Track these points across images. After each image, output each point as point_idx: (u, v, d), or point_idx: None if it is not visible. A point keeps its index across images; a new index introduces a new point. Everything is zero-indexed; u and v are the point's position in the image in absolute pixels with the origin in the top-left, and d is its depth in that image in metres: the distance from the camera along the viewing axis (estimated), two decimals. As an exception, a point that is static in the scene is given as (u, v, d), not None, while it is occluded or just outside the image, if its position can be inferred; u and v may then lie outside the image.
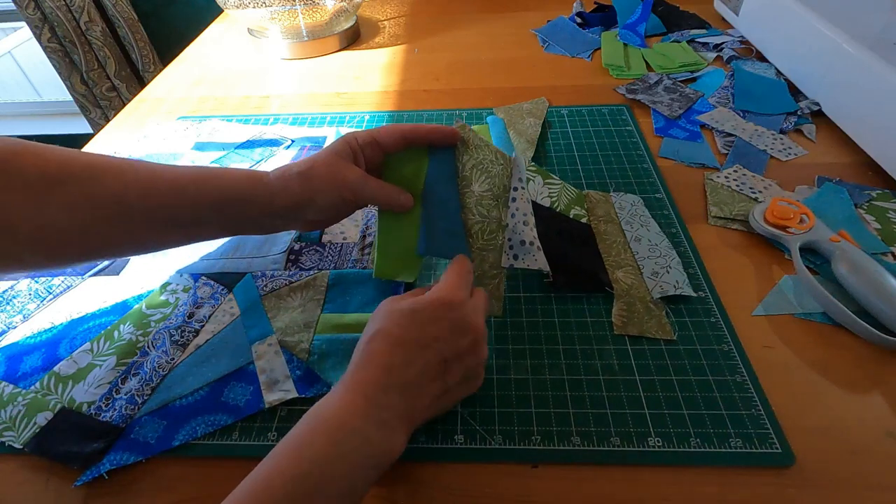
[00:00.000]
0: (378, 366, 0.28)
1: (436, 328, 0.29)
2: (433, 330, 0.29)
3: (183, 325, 0.39)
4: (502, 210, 0.38)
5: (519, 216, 0.38)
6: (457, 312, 0.30)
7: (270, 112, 0.66)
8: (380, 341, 0.29)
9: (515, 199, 0.39)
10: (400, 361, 0.28)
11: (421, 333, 0.29)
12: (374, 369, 0.28)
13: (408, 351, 0.29)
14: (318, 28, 0.79)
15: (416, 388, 0.28)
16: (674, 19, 0.81)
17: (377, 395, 0.27)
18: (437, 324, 0.29)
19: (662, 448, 0.31)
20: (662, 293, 0.40)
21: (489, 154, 0.39)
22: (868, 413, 0.33)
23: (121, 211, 0.33)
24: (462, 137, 0.38)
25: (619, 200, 0.48)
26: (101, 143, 0.62)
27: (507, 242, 0.39)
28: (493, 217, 0.38)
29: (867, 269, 0.38)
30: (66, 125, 1.62)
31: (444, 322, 0.30)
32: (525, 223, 0.38)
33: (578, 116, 0.61)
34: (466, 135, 0.38)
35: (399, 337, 0.29)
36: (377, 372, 0.28)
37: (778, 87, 0.62)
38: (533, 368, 0.36)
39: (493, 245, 0.38)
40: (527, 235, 0.38)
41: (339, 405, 0.27)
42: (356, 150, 0.37)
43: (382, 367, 0.28)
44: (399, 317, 0.30)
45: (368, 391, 0.27)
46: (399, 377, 0.28)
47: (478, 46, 0.79)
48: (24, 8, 1.23)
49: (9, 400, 0.35)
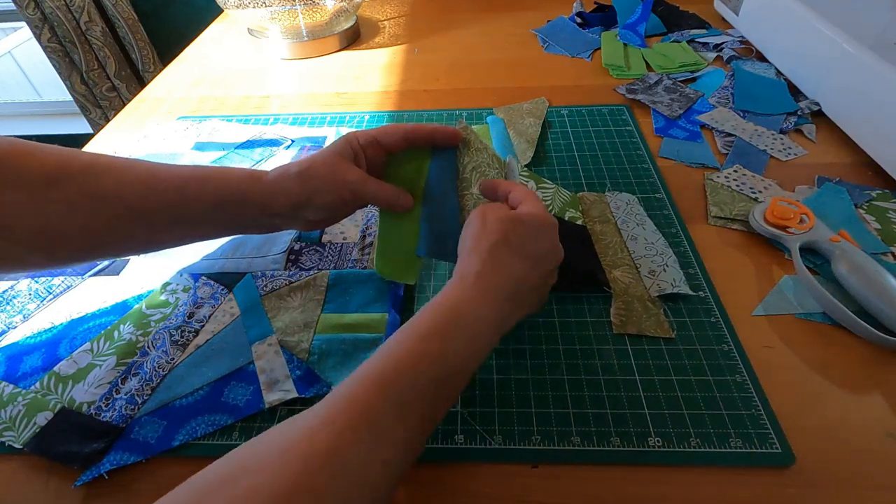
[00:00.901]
0: (509, 276, 0.30)
1: (546, 245, 0.32)
2: (544, 246, 0.32)
3: (183, 325, 0.39)
4: None
5: None
6: (556, 233, 0.33)
7: (270, 112, 0.66)
8: (507, 251, 0.31)
9: None
10: (522, 274, 0.31)
11: (538, 247, 0.32)
12: (505, 278, 0.30)
13: (531, 263, 0.31)
14: (318, 28, 0.79)
15: (524, 302, 0.32)
16: (674, 19, 0.81)
17: (504, 305, 0.30)
18: (547, 242, 0.32)
19: (662, 448, 0.31)
20: (660, 291, 0.40)
21: (487, 157, 0.39)
22: (868, 413, 0.33)
23: (120, 210, 0.33)
24: (464, 138, 0.38)
25: (615, 200, 0.48)
26: (101, 143, 0.62)
27: None
28: None
29: (867, 269, 0.38)
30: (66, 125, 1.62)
31: (550, 239, 0.33)
32: None
33: (578, 116, 0.61)
34: (468, 136, 0.38)
35: (522, 247, 0.31)
36: (508, 281, 0.30)
37: (778, 87, 0.62)
38: (533, 368, 0.36)
39: None
40: None
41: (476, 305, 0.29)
42: (357, 149, 0.37)
43: (512, 276, 0.30)
44: (520, 227, 0.32)
45: (500, 296, 0.30)
46: (524, 288, 0.31)
47: (478, 46, 0.79)
48: (24, 8, 1.23)
49: (9, 400, 0.35)
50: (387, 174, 0.39)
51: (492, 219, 0.32)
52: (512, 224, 0.32)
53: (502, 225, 0.31)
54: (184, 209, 0.34)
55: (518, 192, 0.35)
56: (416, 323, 0.28)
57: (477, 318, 0.28)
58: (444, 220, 0.37)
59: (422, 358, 0.26)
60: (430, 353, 0.26)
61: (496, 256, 0.30)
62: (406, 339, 0.27)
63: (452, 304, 0.29)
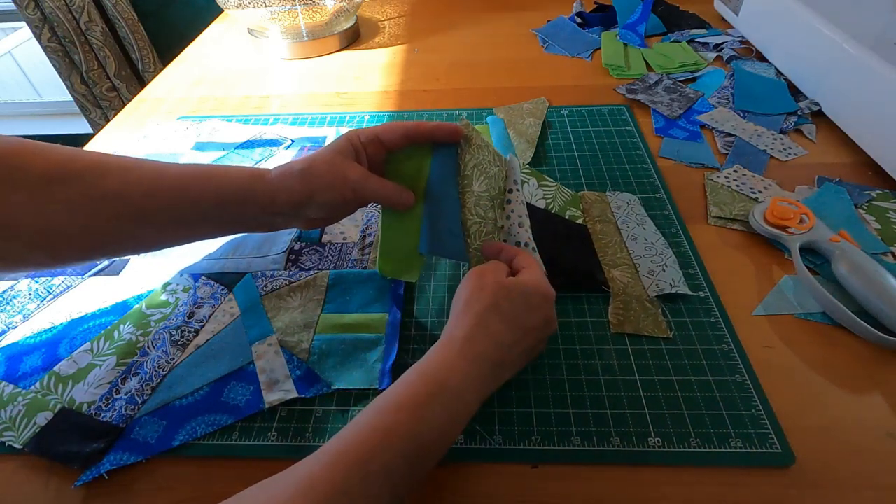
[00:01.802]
0: (496, 343, 0.30)
1: (539, 317, 0.32)
2: (537, 319, 0.31)
3: (183, 325, 0.39)
4: (498, 212, 0.38)
5: (514, 218, 0.39)
6: (551, 306, 0.33)
7: (270, 112, 0.66)
8: (496, 318, 0.30)
9: (511, 200, 0.39)
10: (510, 342, 0.30)
11: (529, 318, 0.31)
12: (492, 346, 0.30)
13: (519, 332, 0.31)
14: (318, 28, 0.79)
15: (511, 366, 0.31)
16: (674, 19, 0.81)
17: (491, 370, 0.29)
18: (540, 312, 0.32)
19: (662, 448, 0.31)
20: (658, 291, 0.40)
21: (488, 155, 0.38)
22: (868, 413, 0.33)
23: (123, 208, 0.33)
24: (465, 135, 0.37)
25: (616, 199, 0.48)
26: (101, 143, 0.62)
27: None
28: (489, 218, 0.38)
29: (867, 269, 0.38)
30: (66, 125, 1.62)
31: (543, 312, 0.32)
32: (520, 225, 0.38)
33: (578, 116, 0.61)
34: (470, 133, 0.37)
35: (515, 318, 0.31)
36: (495, 350, 0.30)
37: (778, 87, 0.62)
38: (533, 368, 0.36)
39: None
40: (522, 237, 0.38)
41: (460, 375, 0.28)
42: (358, 147, 0.37)
43: (499, 344, 0.30)
44: (513, 294, 0.31)
45: (485, 364, 0.29)
46: (510, 356, 0.30)
47: (478, 46, 0.79)
48: (24, 8, 1.23)
49: (9, 400, 0.35)
50: (388, 172, 0.39)
51: (488, 282, 0.31)
52: (506, 291, 0.31)
53: (496, 290, 0.31)
54: (186, 207, 0.34)
55: (522, 259, 0.34)
56: (395, 392, 0.27)
57: (459, 388, 0.28)
58: (445, 218, 0.37)
59: (397, 431, 0.25)
60: (406, 425, 0.25)
61: (485, 322, 0.30)
62: (383, 408, 0.26)
63: (434, 373, 0.28)
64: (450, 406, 0.27)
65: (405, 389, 0.27)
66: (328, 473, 0.23)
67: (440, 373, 0.28)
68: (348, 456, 0.24)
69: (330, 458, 0.24)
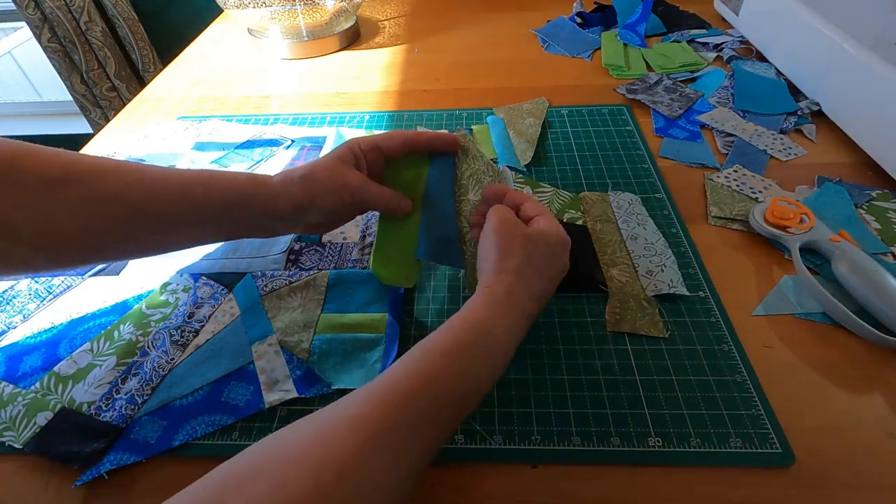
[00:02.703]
0: (531, 296, 0.32)
1: (560, 265, 0.34)
2: (560, 266, 0.34)
3: (183, 325, 0.39)
4: None
5: None
6: (567, 252, 0.35)
7: (270, 112, 0.66)
8: (531, 272, 0.32)
9: None
10: (540, 292, 0.33)
11: (553, 267, 0.34)
12: (528, 299, 0.32)
13: (545, 283, 0.33)
14: (318, 28, 0.79)
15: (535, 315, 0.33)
16: (674, 19, 0.81)
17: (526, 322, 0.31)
18: (562, 260, 0.34)
19: (662, 448, 0.31)
20: (656, 291, 0.40)
21: (483, 165, 0.40)
22: (868, 413, 0.33)
23: (124, 212, 0.33)
24: (462, 146, 0.39)
25: (617, 199, 0.48)
26: (101, 143, 0.62)
27: None
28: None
29: (867, 269, 0.38)
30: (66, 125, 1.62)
31: (563, 260, 0.35)
32: None
33: (578, 116, 0.61)
34: (466, 143, 0.39)
35: (544, 269, 0.33)
36: (529, 302, 0.32)
37: (778, 87, 0.62)
38: (533, 368, 0.36)
39: None
40: None
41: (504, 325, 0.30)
42: (359, 155, 0.38)
43: (533, 297, 0.32)
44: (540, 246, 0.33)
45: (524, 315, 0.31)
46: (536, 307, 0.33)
47: (478, 46, 0.79)
48: (24, 8, 1.23)
49: (9, 400, 0.35)
50: (387, 179, 0.39)
51: (517, 233, 0.33)
52: (534, 244, 0.33)
53: (525, 243, 0.33)
54: (187, 211, 0.34)
55: (530, 205, 0.36)
56: (439, 338, 0.28)
57: (501, 338, 0.29)
58: (441, 225, 0.38)
59: (443, 375, 0.26)
60: (452, 370, 0.26)
61: (524, 277, 0.32)
62: (428, 353, 0.27)
63: (480, 322, 0.29)
64: (493, 353, 0.29)
65: (451, 337, 0.28)
66: (378, 412, 0.24)
67: (486, 322, 0.29)
68: (398, 397, 0.25)
69: (380, 395, 0.25)
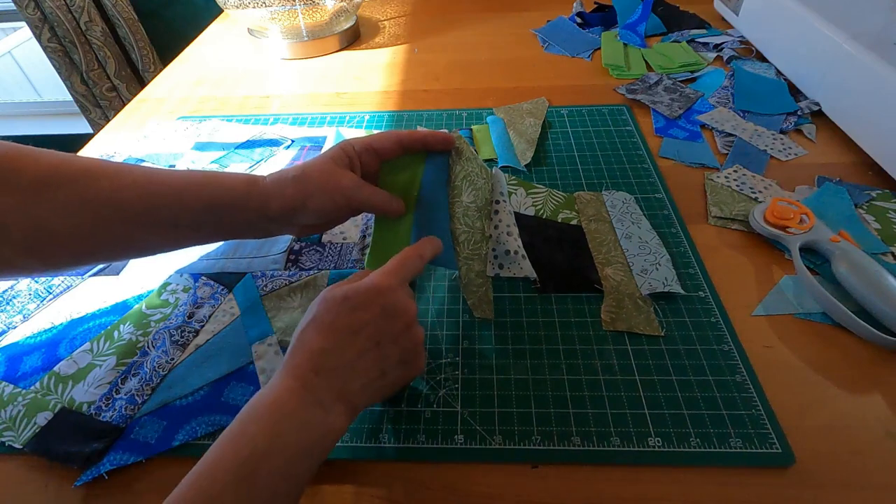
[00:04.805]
0: (310, 351, 0.29)
1: (367, 313, 0.30)
2: (364, 315, 0.30)
3: (183, 325, 0.39)
4: (485, 222, 0.40)
5: (502, 227, 0.41)
6: (387, 298, 0.31)
7: (271, 112, 0.66)
8: (312, 329, 0.30)
9: (498, 211, 0.41)
10: (332, 346, 0.29)
11: (351, 319, 0.30)
12: (306, 354, 0.29)
13: (339, 336, 0.29)
14: (318, 28, 0.79)
15: (350, 370, 0.29)
16: (674, 19, 0.81)
17: (309, 377, 0.28)
18: (369, 309, 0.30)
19: (662, 448, 0.31)
20: (651, 290, 0.40)
21: (476, 167, 0.40)
22: (868, 413, 0.33)
23: (116, 212, 0.33)
24: (457, 147, 0.39)
25: (611, 198, 0.48)
26: (101, 143, 0.62)
27: (492, 252, 0.41)
28: (477, 228, 0.39)
29: (867, 269, 0.38)
30: (66, 125, 1.62)
31: (375, 307, 0.30)
32: (509, 234, 0.40)
33: (578, 116, 0.61)
34: (460, 145, 0.39)
35: (331, 323, 0.30)
36: (309, 357, 0.29)
37: (778, 87, 0.62)
38: (533, 368, 0.36)
39: (478, 254, 0.40)
40: (511, 245, 0.40)
41: (274, 391, 0.28)
42: (352, 156, 0.37)
43: (314, 351, 0.29)
44: (332, 304, 0.30)
45: (300, 374, 0.28)
46: (331, 361, 0.29)
47: (478, 46, 0.79)
48: (24, 8, 1.23)
49: (9, 400, 0.35)
50: (381, 180, 0.39)
51: (315, 301, 0.31)
52: (325, 303, 0.30)
53: (320, 304, 0.30)
54: (180, 212, 0.34)
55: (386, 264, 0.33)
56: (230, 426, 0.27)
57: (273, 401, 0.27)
58: (435, 227, 0.38)
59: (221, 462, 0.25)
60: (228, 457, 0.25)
61: (305, 336, 0.29)
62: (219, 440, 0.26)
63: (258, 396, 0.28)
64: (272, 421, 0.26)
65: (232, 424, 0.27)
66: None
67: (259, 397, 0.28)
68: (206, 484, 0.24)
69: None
